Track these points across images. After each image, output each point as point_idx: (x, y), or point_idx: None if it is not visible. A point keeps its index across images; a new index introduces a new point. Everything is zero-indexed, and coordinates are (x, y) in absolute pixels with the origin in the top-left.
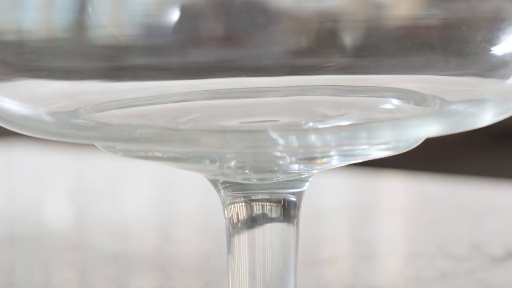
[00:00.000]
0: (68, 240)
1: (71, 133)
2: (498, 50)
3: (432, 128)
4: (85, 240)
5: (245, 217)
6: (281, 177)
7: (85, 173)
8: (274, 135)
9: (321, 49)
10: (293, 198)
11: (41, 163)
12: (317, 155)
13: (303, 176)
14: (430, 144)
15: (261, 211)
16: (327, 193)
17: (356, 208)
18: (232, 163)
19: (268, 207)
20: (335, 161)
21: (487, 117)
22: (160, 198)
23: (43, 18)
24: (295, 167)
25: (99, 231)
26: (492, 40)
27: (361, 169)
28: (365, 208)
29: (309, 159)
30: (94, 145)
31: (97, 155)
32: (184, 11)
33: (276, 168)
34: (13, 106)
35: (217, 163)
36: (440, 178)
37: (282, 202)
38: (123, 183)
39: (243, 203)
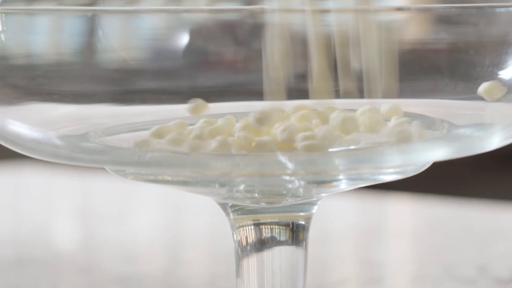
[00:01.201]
0: (77, 263)
1: (81, 157)
2: (505, 74)
3: (440, 152)
4: (93, 262)
5: (254, 240)
6: (290, 200)
7: (93, 195)
8: (283, 159)
9: (329, 73)
10: (301, 222)
11: (49, 185)
12: (326, 178)
13: (311, 199)
14: (437, 166)
15: (270, 234)
16: (335, 215)
17: (364, 230)
18: (241, 187)
19: (277, 230)
20: (344, 185)
21: (494, 141)
22: (169, 220)
23: (53, 42)
24: (304, 190)
25: (107, 253)
26: (499, 64)
27: (369, 192)
28: (373, 231)
29: (318, 183)
30: (103, 168)
31: (105, 177)
32: (193, 35)
33: (285, 192)
34: (23, 129)
35: (226, 187)
36: (447, 200)
37: (290, 225)
38: (131, 205)
39: (252, 226)
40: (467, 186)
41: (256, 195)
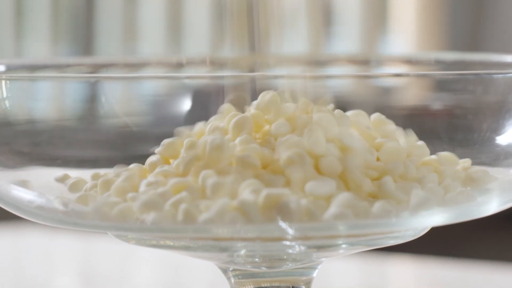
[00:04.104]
0: None
1: (84, 223)
2: (503, 140)
3: (439, 218)
4: None
5: None
6: (290, 265)
7: (94, 256)
8: (284, 225)
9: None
10: (302, 286)
11: (49, 246)
12: (326, 243)
13: (312, 263)
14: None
15: None
16: (336, 278)
17: None
18: (242, 252)
19: None
20: (343, 250)
21: (492, 206)
22: (170, 283)
23: (56, 108)
24: (304, 255)
25: None
26: (497, 130)
27: (370, 254)
28: None
29: (318, 247)
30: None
31: (107, 237)
32: (195, 99)
33: (285, 257)
34: (26, 195)
35: (227, 252)
36: (449, 262)
37: None
38: (132, 267)
39: None
40: (471, 246)
41: (257, 259)
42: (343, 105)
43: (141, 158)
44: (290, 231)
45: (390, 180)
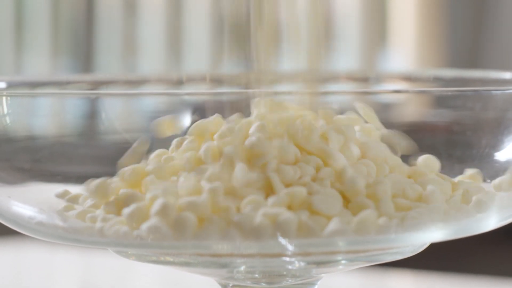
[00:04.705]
0: None
1: (84, 239)
2: (501, 156)
3: (438, 234)
4: None
5: None
6: (290, 281)
7: (94, 272)
8: (283, 241)
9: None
10: None
11: (50, 262)
12: (326, 259)
13: (311, 279)
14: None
15: None
16: None
17: None
18: (242, 268)
19: None
20: (343, 266)
21: (491, 222)
22: None
23: (56, 124)
24: (304, 271)
25: None
26: (496, 146)
27: (369, 269)
28: None
29: (318, 263)
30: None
31: (106, 253)
32: (195, 115)
33: (285, 272)
34: (26, 211)
35: (227, 268)
36: (449, 277)
37: None
38: (132, 282)
39: None
40: (470, 261)
41: (257, 275)
42: None
43: None
44: (290, 247)
45: (389, 196)
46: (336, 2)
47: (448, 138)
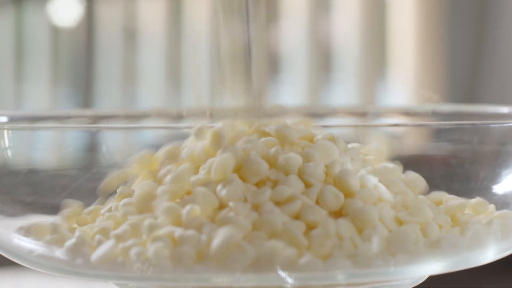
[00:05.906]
0: None
1: (85, 272)
2: (499, 188)
3: (436, 266)
4: None
5: None
6: None
7: None
8: (283, 274)
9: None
10: None
11: None
12: None
13: None
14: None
15: None
16: None
17: None
18: None
19: None
20: None
21: (489, 255)
22: None
23: (57, 158)
24: None
25: None
26: (493, 179)
27: None
28: None
29: None
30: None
31: (107, 285)
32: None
33: None
34: (27, 244)
35: None
36: None
37: None
38: None
39: None
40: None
41: None
42: None
43: None
44: (290, 280)
45: (385, 231)
46: (335, 33)
47: (446, 170)
